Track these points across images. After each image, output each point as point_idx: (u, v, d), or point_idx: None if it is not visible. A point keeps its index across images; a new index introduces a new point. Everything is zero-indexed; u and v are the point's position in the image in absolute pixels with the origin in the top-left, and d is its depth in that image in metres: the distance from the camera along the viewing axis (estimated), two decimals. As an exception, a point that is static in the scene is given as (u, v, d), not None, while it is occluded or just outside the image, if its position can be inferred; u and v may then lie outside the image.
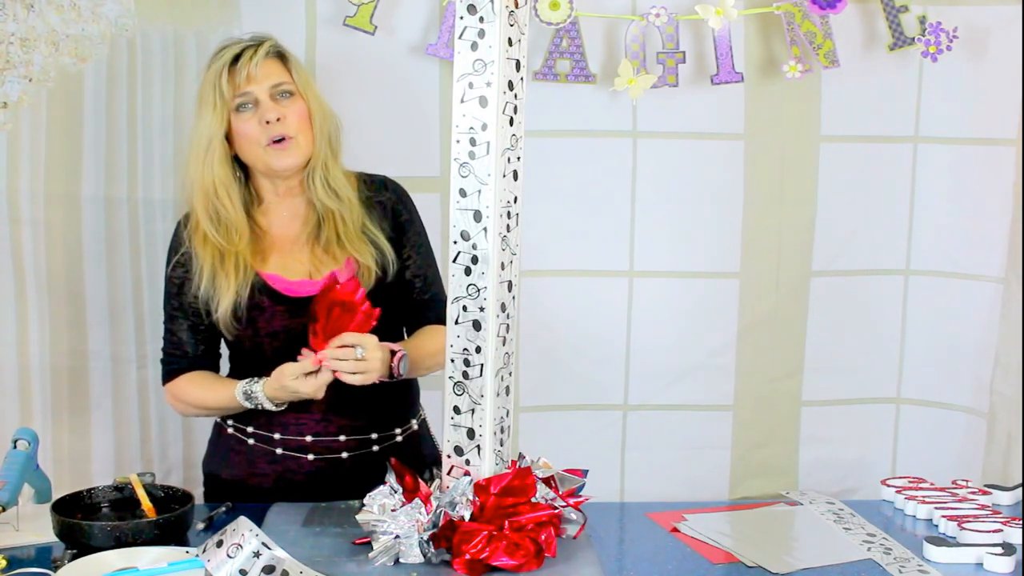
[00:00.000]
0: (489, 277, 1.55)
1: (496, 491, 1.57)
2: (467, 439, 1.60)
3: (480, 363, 1.57)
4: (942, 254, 2.52)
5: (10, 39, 2.20)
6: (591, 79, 2.36)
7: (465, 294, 1.57)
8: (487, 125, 1.53)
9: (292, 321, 1.90)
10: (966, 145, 2.47)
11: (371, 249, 1.94)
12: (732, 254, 2.49)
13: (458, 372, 1.59)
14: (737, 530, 1.80)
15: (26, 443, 1.83)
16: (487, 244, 1.55)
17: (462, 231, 1.56)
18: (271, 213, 1.98)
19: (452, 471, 1.61)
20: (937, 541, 1.68)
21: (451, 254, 1.58)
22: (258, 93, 1.88)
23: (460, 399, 1.59)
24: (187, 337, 1.97)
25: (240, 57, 1.88)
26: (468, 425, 1.59)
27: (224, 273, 1.90)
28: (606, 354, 2.51)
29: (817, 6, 2.33)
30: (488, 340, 1.56)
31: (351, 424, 1.95)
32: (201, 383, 1.97)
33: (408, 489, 1.61)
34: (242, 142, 1.91)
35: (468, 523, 1.55)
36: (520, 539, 1.54)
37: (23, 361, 2.32)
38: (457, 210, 1.56)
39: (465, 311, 1.57)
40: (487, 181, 1.53)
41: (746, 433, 2.55)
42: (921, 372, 2.56)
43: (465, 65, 1.53)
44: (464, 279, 1.57)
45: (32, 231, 2.29)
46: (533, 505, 1.58)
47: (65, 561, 1.56)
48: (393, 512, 1.58)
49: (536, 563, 1.54)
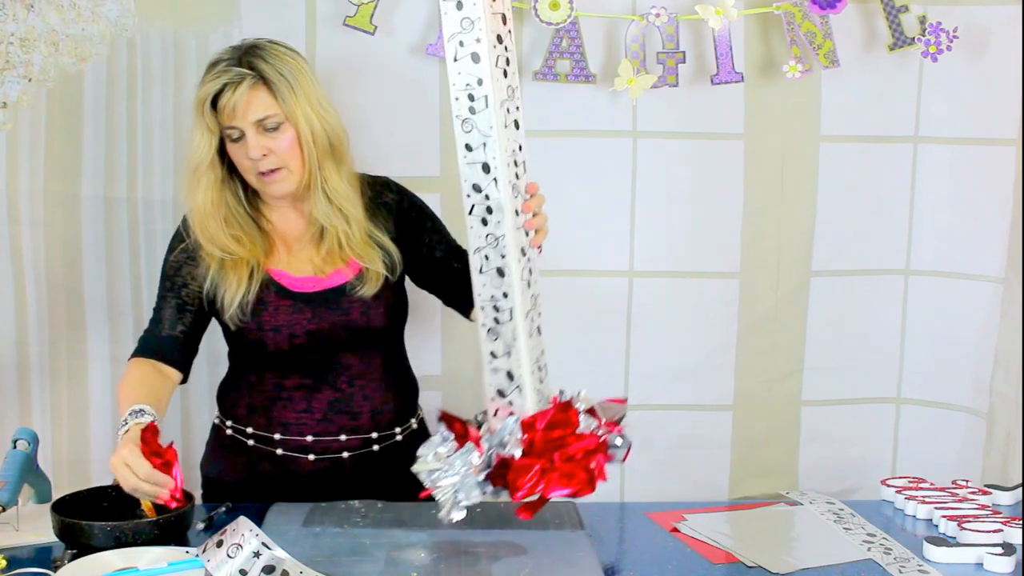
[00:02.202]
0: (506, 225, 1.59)
1: (542, 426, 1.61)
2: (507, 381, 1.64)
3: (509, 307, 1.62)
4: (942, 254, 2.52)
5: (10, 39, 2.19)
6: (591, 79, 2.36)
7: (485, 243, 1.61)
8: (482, 80, 1.55)
9: (296, 316, 1.90)
10: (966, 145, 2.47)
11: (378, 252, 1.94)
12: (732, 254, 2.49)
13: (489, 319, 1.63)
14: (737, 530, 1.80)
15: (26, 443, 1.84)
16: (499, 193, 1.58)
17: (473, 184, 1.60)
18: (276, 212, 1.98)
19: (497, 413, 1.65)
20: (937, 541, 1.68)
21: (465, 207, 1.61)
22: (244, 127, 1.85)
23: (495, 344, 1.64)
24: (169, 315, 1.93)
25: (223, 92, 1.84)
26: (506, 368, 1.64)
27: (235, 272, 1.90)
28: (606, 354, 2.51)
29: (817, 6, 2.33)
30: (514, 285, 1.61)
31: (352, 424, 1.95)
32: (140, 374, 1.89)
33: (459, 435, 1.64)
34: (236, 163, 1.91)
35: (520, 460, 1.59)
36: (572, 468, 1.59)
37: (23, 361, 2.32)
38: (466, 164, 1.59)
39: (487, 260, 1.62)
40: (490, 134, 1.56)
41: (746, 433, 2.55)
42: (921, 372, 2.56)
43: (453, 25, 1.55)
44: (482, 229, 1.61)
45: (32, 231, 2.29)
46: (579, 436, 1.62)
47: (65, 561, 1.56)
48: (448, 459, 1.61)
49: (589, 488, 1.60)
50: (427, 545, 1.66)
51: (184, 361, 1.94)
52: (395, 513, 1.80)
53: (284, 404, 1.95)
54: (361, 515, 1.79)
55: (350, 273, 1.94)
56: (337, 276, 1.94)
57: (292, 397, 1.95)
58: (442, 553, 1.63)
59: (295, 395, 1.94)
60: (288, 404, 1.95)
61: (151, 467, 1.64)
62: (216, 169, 1.90)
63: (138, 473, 1.63)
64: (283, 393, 1.95)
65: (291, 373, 1.94)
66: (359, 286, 1.93)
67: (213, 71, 1.87)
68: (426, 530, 1.73)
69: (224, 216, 1.92)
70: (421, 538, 1.69)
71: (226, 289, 1.89)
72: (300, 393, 1.94)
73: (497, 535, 1.72)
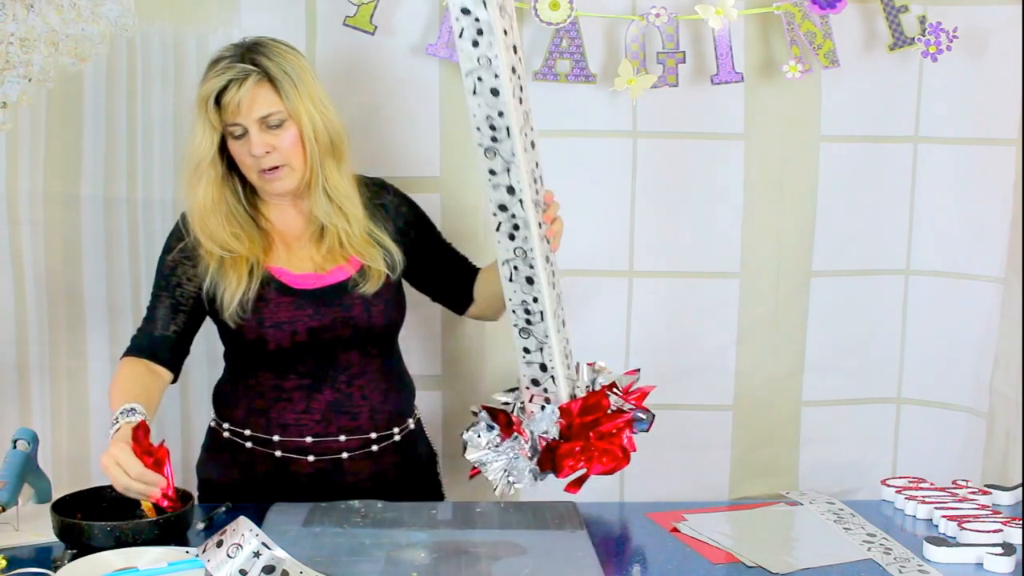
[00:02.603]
0: (532, 239, 1.75)
1: (577, 411, 1.82)
2: (541, 372, 1.84)
3: (539, 310, 1.79)
4: (942, 254, 2.52)
5: (10, 39, 2.19)
6: (591, 79, 2.36)
7: (513, 256, 1.77)
8: (503, 112, 1.66)
9: (297, 312, 1.90)
10: (966, 145, 2.46)
11: (379, 251, 1.95)
12: (732, 254, 2.49)
13: (521, 320, 1.82)
14: (737, 530, 1.80)
15: (26, 443, 1.84)
16: (524, 212, 1.73)
17: (499, 204, 1.74)
18: (275, 210, 1.98)
19: (533, 399, 1.87)
20: (937, 541, 1.68)
21: (492, 224, 1.77)
22: (247, 124, 1.86)
23: (528, 341, 1.83)
24: (163, 314, 1.93)
25: (227, 89, 1.85)
26: (540, 361, 1.83)
27: (235, 270, 1.90)
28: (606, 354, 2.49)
29: (817, 6, 2.32)
30: (543, 290, 1.78)
31: (351, 424, 1.95)
32: (132, 373, 1.88)
33: (503, 425, 1.85)
34: (237, 160, 1.91)
35: (563, 444, 1.81)
36: (607, 445, 1.82)
37: (22, 361, 2.32)
38: (491, 187, 1.73)
39: (516, 270, 1.78)
40: (513, 160, 1.69)
41: (746, 433, 2.55)
42: (921, 372, 2.56)
43: (470, 62, 1.65)
44: (510, 244, 1.77)
45: (31, 231, 2.29)
46: (609, 416, 1.84)
47: (65, 561, 1.56)
48: (498, 447, 1.84)
49: (625, 462, 1.84)
50: (427, 545, 1.66)
51: (176, 361, 1.95)
52: (395, 513, 1.80)
53: (283, 405, 1.95)
54: (361, 515, 1.79)
55: (351, 269, 1.94)
56: (338, 272, 1.94)
57: (291, 398, 1.94)
58: (442, 553, 1.63)
59: (294, 396, 1.94)
60: (287, 405, 1.95)
61: (142, 466, 1.64)
62: (217, 166, 1.91)
63: (129, 472, 1.63)
64: (282, 394, 1.95)
65: (290, 373, 1.94)
66: (361, 283, 1.93)
67: (216, 67, 1.87)
68: (426, 530, 1.73)
69: (225, 214, 1.92)
70: (421, 538, 1.69)
71: (226, 287, 1.89)
72: (299, 394, 1.94)
73: (497, 535, 1.72)
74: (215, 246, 1.90)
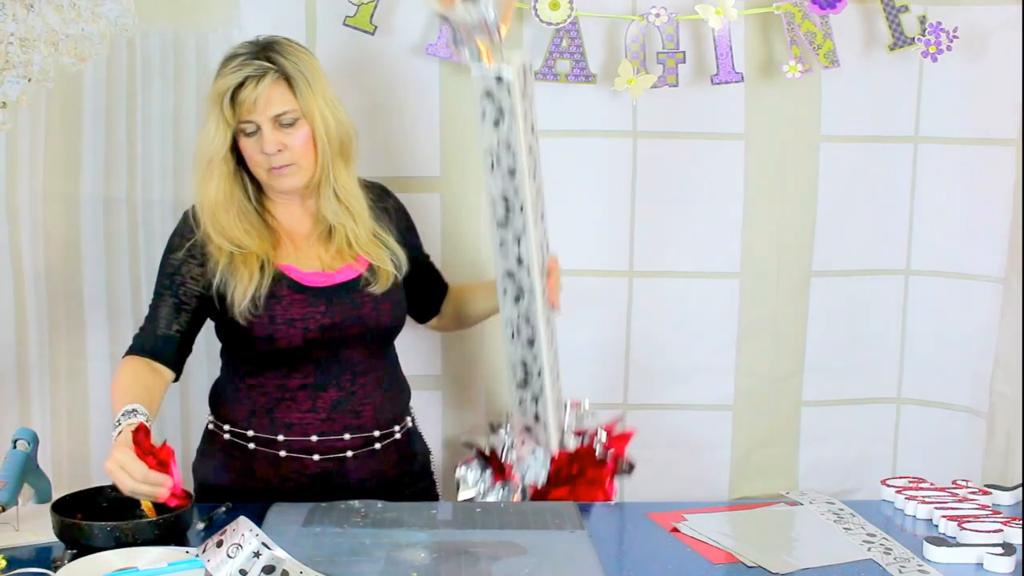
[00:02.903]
0: (536, 304, 1.82)
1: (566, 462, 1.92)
2: (534, 421, 1.93)
3: (537, 369, 1.87)
4: (942, 254, 2.52)
5: (10, 39, 2.20)
6: (591, 79, 2.36)
7: (516, 318, 1.87)
8: (518, 190, 1.75)
9: (309, 309, 1.90)
10: (966, 145, 2.46)
11: (386, 252, 1.96)
12: (732, 254, 2.49)
13: (519, 376, 1.90)
14: (737, 530, 1.80)
15: (26, 443, 1.84)
16: (530, 280, 1.81)
17: (507, 271, 1.84)
18: (282, 209, 1.99)
19: (524, 444, 1.95)
20: (937, 541, 1.68)
21: (499, 288, 1.87)
22: (260, 122, 1.86)
23: (524, 393, 1.91)
24: (166, 313, 1.92)
25: (244, 85, 1.85)
26: (534, 411, 1.91)
27: (246, 266, 1.89)
28: (606, 354, 2.51)
29: (817, 6, 2.32)
30: (542, 351, 1.86)
31: (355, 423, 1.95)
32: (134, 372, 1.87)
33: (496, 470, 1.94)
34: (247, 157, 1.91)
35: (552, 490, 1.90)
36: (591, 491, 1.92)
37: (22, 361, 2.32)
38: (500, 255, 1.83)
39: (519, 331, 1.87)
40: (523, 233, 1.78)
41: (746, 433, 2.55)
42: (921, 372, 2.56)
43: (491, 142, 1.74)
44: (514, 307, 1.86)
45: (31, 231, 2.29)
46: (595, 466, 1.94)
47: (65, 561, 1.56)
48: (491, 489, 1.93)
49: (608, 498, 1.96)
50: (427, 545, 1.66)
51: (178, 360, 1.94)
52: (395, 513, 1.80)
53: (288, 405, 1.94)
54: (361, 515, 1.79)
55: (361, 268, 1.95)
56: (348, 271, 1.95)
57: (296, 397, 1.94)
58: (442, 553, 1.63)
59: (299, 395, 1.94)
60: (292, 404, 1.94)
61: (147, 468, 1.63)
62: (229, 163, 1.91)
63: (134, 475, 1.62)
64: (287, 394, 1.95)
65: (294, 372, 1.94)
66: (372, 281, 1.94)
67: (232, 64, 1.87)
68: (426, 530, 1.73)
69: (236, 210, 1.92)
70: (421, 538, 1.69)
71: (237, 283, 1.88)
72: (304, 393, 1.94)
73: (497, 535, 1.72)
74: (226, 241, 1.90)
